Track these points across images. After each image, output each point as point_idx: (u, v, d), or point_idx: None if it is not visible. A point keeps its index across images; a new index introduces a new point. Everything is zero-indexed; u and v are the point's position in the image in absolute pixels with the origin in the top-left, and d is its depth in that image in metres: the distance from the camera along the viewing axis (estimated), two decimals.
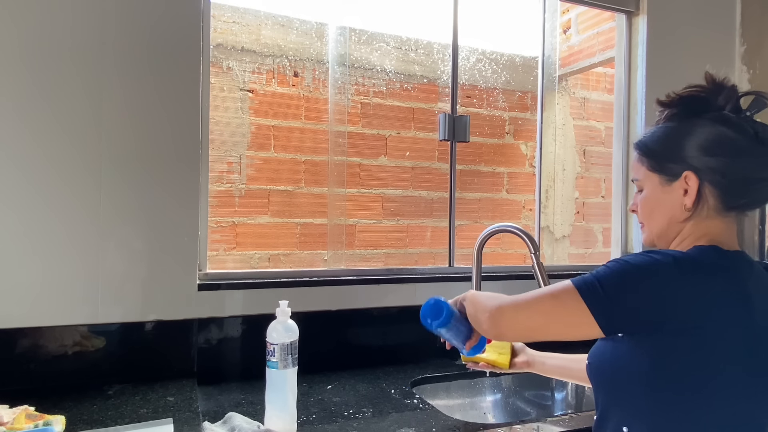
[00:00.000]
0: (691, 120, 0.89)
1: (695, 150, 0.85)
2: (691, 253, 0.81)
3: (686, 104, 0.92)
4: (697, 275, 0.76)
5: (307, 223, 1.94)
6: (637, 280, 0.76)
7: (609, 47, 2.24)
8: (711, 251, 0.81)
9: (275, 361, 1.02)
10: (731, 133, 0.83)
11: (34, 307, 1.24)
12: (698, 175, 0.85)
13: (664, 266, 0.76)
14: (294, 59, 1.88)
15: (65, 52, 1.27)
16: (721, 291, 0.76)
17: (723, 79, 0.90)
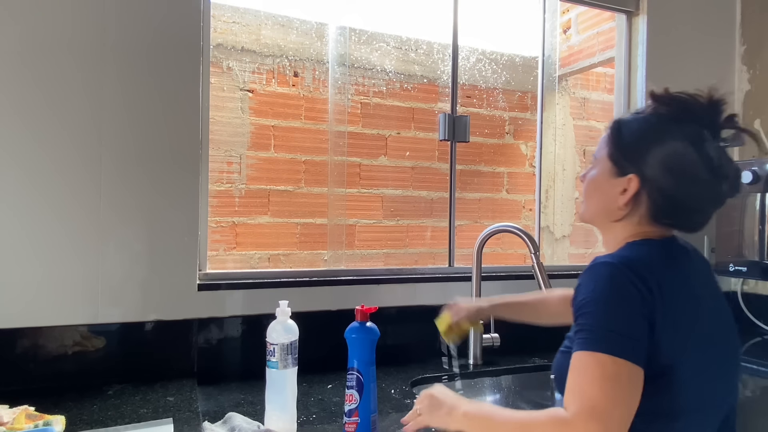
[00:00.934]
0: (669, 127, 0.88)
1: (655, 160, 0.85)
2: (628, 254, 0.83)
3: (675, 108, 0.91)
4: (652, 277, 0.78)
5: (307, 223, 1.94)
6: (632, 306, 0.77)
7: (609, 47, 2.24)
8: (646, 246, 0.85)
9: (275, 361, 1.02)
10: (695, 158, 0.83)
11: (34, 307, 1.24)
12: (642, 182, 0.86)
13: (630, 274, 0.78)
14: (294, 59, 1.88)
15: (65, 52, 1.27)
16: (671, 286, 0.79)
17: (721, 101, 0.90)
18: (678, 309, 0.79)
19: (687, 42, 2.08)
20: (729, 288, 2.13)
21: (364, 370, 0.99)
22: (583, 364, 0.75)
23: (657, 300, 0.77)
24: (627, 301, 0.76)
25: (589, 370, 0.74)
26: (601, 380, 0.72)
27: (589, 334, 0.76)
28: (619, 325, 0.75)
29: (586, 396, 0.72)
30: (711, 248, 2.03)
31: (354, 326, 1.02)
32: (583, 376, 0.74)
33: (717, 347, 0.85)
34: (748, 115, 2.15)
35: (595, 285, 0.79)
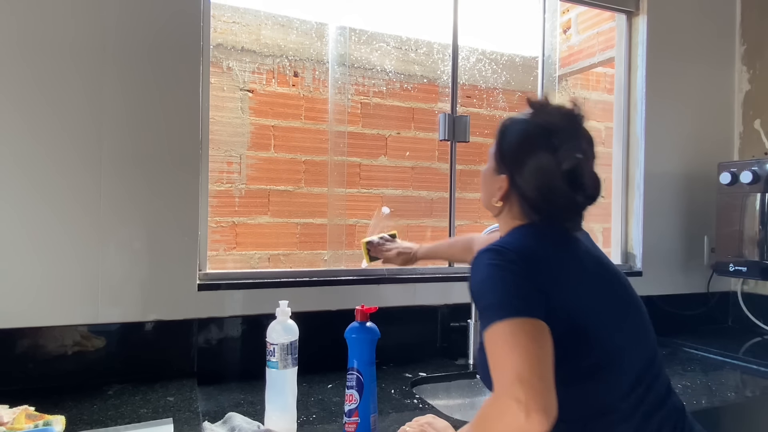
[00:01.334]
0: (538, 136, 0.93)
1: (521, 166, 0.92)
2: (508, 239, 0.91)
3: (544, 118, 0.94)
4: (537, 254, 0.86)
5: (307, 223, 1.94)
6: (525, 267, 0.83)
7: (609, 47, 2.24)
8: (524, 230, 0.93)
9: (275, 361, 1.02)
10: (554, 169, 0.89)
11: (34, 307, 1.24)
12: (511, 184, 0.94)
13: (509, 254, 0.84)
14: (294, 59, 1.88)
15: (65, 52, 1.27)
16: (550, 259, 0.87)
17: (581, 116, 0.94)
18: (564, 280, 0.86)
19: (687, 42, 2.08)
20: (729, 288, 2.14)
21: (364, 370, 0.99)
22: (489, 341, 0.78)
23: (540, 276, 0.83)
24: (508, 273, 0.82)
25: (494, 343, 0.77)
26: (506, 346, 0.75)
27: (485, 314, 0.80)
28: (505, 294, 0.80)
29: (500, 367, 0.75)
30: (711, 248, 2.03)
31: (354, 326, 1.02)
32: (492, 352, 0.77)
33: (613, 303, 0.91)
34: (748, 115, 2.15)
35: (480, 272, 0.84)
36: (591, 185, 0.91)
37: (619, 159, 2.07)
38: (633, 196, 2.03)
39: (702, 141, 2.11)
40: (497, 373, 0.75)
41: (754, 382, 1.48)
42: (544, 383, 0.72)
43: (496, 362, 0.76)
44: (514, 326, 0.76)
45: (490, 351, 0.77)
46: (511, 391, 0.71)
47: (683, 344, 1.81)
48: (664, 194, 2.03)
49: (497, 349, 0.76)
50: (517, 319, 0.76)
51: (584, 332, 0.84)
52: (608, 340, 0.86)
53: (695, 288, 2.08)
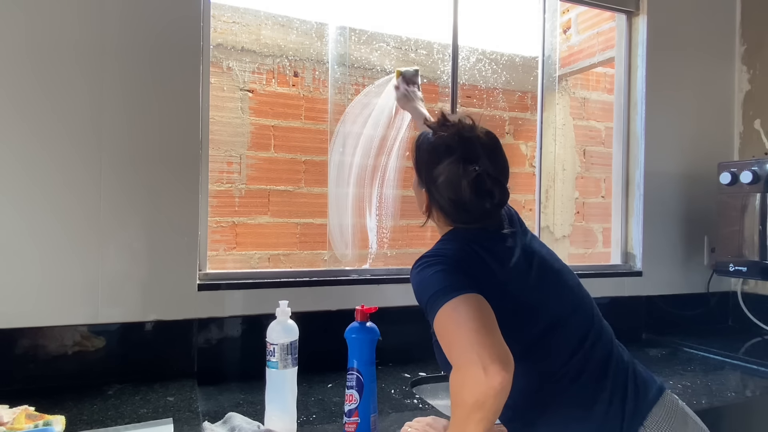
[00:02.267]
0: (443, 152, 0.99)
1: (433, 181, 0.99)
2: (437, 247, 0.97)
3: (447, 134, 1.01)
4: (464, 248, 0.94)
5: (307, 223, 1.94)
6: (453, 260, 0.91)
7: (609, 47, 2.24)
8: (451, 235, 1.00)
9: (275, 361, 1.02)
10: (459, 182, 0.96)
11: (34, 307, 1.24)
12: (429, 197, 1.02)
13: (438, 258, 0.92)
14: (294, 59, 1.88)
15: (65, 52, 1.27)
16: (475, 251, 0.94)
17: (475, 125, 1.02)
18: (492, 264, 0.93)
19: (687, 42, 2.08)
20: (729, 288, 2.14)
21: (364, 370, 0.99)
22: (437, 330, 0.84)
23: (469, 265, 0.91)
24: (437, 270, 0.89)
25: (443, 326, 0.83)
26: (450, 324, 0.82)
27: (428, 309, 0.87)
28: (438, 284, 0.87)
29: (454, 344, 0.80)
30: (711, 248, 2.03)
31: (354, 326, 1.02)
32: (442, 336, 0.83)
33: (545, 278, 0.98)
34: (748, 115, 2.15)
35: (416, 278, 0.92)
36: (496, 191, 0.97)
37: (619, 159, 2.07)
38: (633, 196, 2.03)
39: (702, 141, 2.11)
40: (451, 351, 0.80)
41: (754, 382, 1.48)
42: (493, 339, 0.78)
43: (449, 341, 0.81)
44: (454, 304, 0.82)
45: (443, 334, 0.83)
46: (466, 356, 0.77)
47: (683, 344, 1.81)
48: (664, 194, 2.03)
49: (446, 329, 0.82)
50: (455, 298, 0.82)
51: (518, 311, 0.92)
52: (543, 314, 0.93)
53: (695, 288, 2.08)
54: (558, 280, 1.00)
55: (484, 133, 1.01)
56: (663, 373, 1.51)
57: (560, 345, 0.92)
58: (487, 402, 0.74)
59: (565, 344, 0.92)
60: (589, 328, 0.96)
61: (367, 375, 0.99)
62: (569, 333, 0.94)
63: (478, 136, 1.00)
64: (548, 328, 0.93)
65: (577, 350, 0.92)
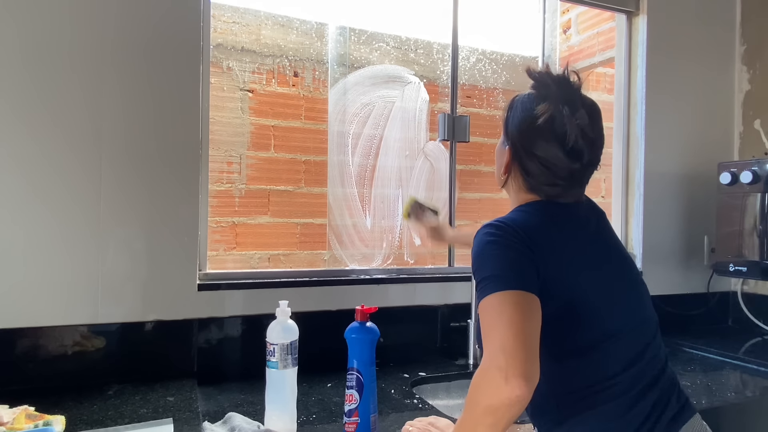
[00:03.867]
0: (535, 105, 0.93)
1: (519, 136, 0.94)
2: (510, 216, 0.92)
3: (539, 86, 0.96)
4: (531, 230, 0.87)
5: (307, 223, 1.93)
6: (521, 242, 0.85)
7: (609, 47, 2.24)
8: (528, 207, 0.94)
9: (275, 361, 1.02)
10: (549, 137, 0.90)
11: (34, 307, 1.24)
12: (513, 155, 0.96)
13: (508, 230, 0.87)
14: (294, 59, 1.87)
15: (65, 52, 1.27)
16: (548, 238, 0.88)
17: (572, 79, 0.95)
18: (563, 257, 0.88)
19: (687, 42, 2.08)
20: (729, 288, 2.14)
21: (364, 370, 0.99)
22: (481, 313, 0.81)
23: (538, 252, 0.85)
24: (503, 248, 0.85)
25: (485, 315, 0.80)
26: (493, 317, 0.78)
27: (479, 287, 0.83)
28: (500, 268, 0.82)
29: (487, 337, 0.78)
30: (711, 248, 2.03)
31: (354, 326, 1.02)
32: (483, 323, 0.80)
33: (614, 283, 0.92)
34: (748, 115, 2.15)
35: (478, 246, 0.87)
36: (586, 149, 0.91)
37: (619, 159, 2.07)
38: (633, 196, 2.03)
39: (702, 141, 2.11)
40: (486, 343, 0.78)
41: (754, 382, 1.48)
42: (526, 352, 0.75)
43: (485, 333, 0.79)
44: (503, 298, 0.79)
45: (482, 322, 0.81)
46: (495, 359, 0.75)
47: (683, 344, 1.81)
48: (664, 194, 2.03)
49: (486, 320, 0.80)
50: (506, 292, 0.79)
51: (582, 309, 0.86)
52: (607, 320, 0.88)
53: (695, 288, 2.08)
54: (632, 285, 0.94)
55: (587, 96, 0.96)
56: None
57: (618, 355, 0.87)
58: (500, 410, 0.74)
59: (624, 355, 0.87)
60: (650, 341, 0.91)
61: (367, 375, 0.99)
62: (630, 344, 0.88)
63: (581, 92, 0.94)
64: (609, 334, 0.87)
65: (633, 363, 0.87)
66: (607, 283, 0.91)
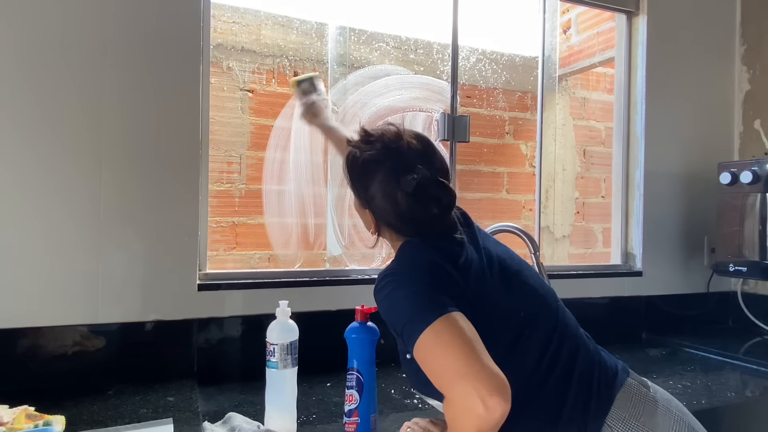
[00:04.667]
0: (375, 167, 0.95)
1: (373, 200, 0.95)
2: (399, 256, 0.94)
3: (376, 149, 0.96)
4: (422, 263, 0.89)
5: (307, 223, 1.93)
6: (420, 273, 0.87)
7: (609, 47, 2.24)
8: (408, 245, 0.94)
9: (275, 361, 1.02)
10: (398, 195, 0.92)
11: (34, 307, 1.24)
12: (374, 216, 0.97)
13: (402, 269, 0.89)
14: (294, 59, 1.87)
15: (65, 52, 1.27)
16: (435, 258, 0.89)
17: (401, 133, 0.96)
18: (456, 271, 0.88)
19: (687, 42, 2.08)
20: (729, 288, 2.14)
21: (364, 370, 0.99)
22: (420, 358, 0.79)
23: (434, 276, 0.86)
24: (407, 289, 0.84)
25: (425, 356, 0.78)
26: (435, 352, 0.77)
27: (405, 335, 0.81)
28: (412, 307, 0.82)
29: (440, 374, 0.76)
30: (711, 248, 2.03)
31: (354, 326, 1.02)
32: (427, 365, 0.78)
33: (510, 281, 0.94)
34: (748, 115, 2.15)
35: (384, 300, 0.87)
36: (442, 194, 0.93)
37: (619, 159, 2.07)
38: (633, 196, 2.03)
39: (702, 141, 2.11)
40: (441, 381, 0.76)
41: (754, 382, 1.48)
42: (484, 365, 0.73)
43: (435, 372, 0.77)
44: (433, 330, 0.77)
45: (425, 365, 0.78)
46: (460, 389, 0.73)
47: (683, 344, 1.81)
48: (664, 194, 2.03)
49: (429, 359, 0.78)
50: (432, 323, 0.77)
51: (492, 314, 0.88)
52: (515, 314, 0.90)
53: (695, 288, 2.08)
54: (519, 279, 0.96)
55: (412, 136, 0.96)
56: (663, 373, 1.51)
57: (531, 347, 0.89)
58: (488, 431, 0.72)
59: (536, 345, 0.89)
60: (554, 324, 0.93)
61: (367, 375, 0.99)
62: (538, 333, 0.90)
63: (407, 142, 0.95)
64: (519, 331, 0.89)
65: (545, 350, 0.89)
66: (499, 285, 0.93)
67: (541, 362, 0.88)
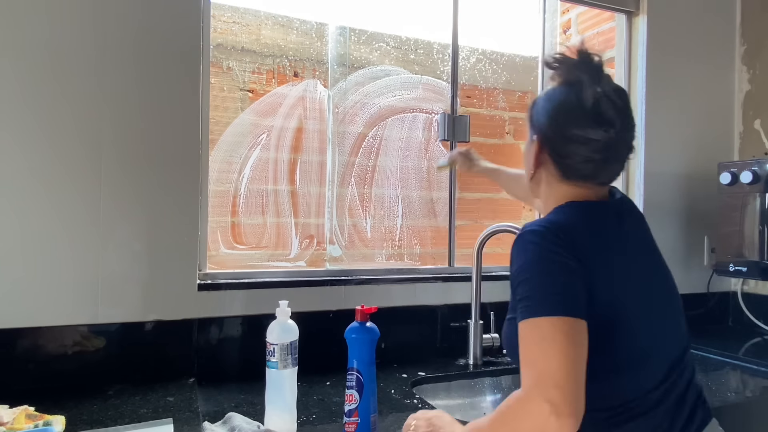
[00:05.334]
0: (556, 87, 0.93)
1: (543, 118, 0.92)
2: (553, 219, 0.88)
3: (558, 67, 0.93)
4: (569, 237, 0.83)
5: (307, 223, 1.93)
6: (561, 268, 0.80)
7: (609, 47, 2.24)
8: (569, 208, 0.89)
9: (275, 361, 1.02)
10: (574, 108, 0.88)
11: (34, 307, 1.24)
12: (541, 142, 0.92)
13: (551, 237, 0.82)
14: (294, 59, 1.87)
15: (65, 52, 1.27)
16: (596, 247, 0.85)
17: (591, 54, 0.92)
18: (606, 267, 0.84)
19: (687, 42, 2.08)
20: (729, 288, 2.14)
21: (364, 370, 0.99)
22: (525, 333, 0.77)
23: (583, 261, 0.81)
24: (555, 265, 0.80)
25: (532, 338, 0.76)
26: (543, 345, 0.74)
27: (527, 303, 0.78)
28: (547, 288, 0.78)
29: (533, 365, 0.75)
30: (711, 248, 2.03)
31: (354, 326, 1.02)
32: (527, 345, 0.77)
33: (654, 300, 0.90)
34: (748, 115, 2.15)
35: (525, 254, 0.82)
36: (618, 121, 0.87)
37: None
38: (633, 196, 2.03)
39: (702, 141, 2.11)
40: (530, 371, 0.75)
41: (754, 382, 1.48)
42: (578, 389, 0.72)
43: (530, 359, 0.76)
44: (554, 325, 0.75)
45: (525, 344, 0.77)
46: (545, 393, 0.71)
47: None
48: (664, 194, 2.03)
49: (533, 345, 0.76)
50: (557, 318, 0.75)
51: (618, 327, 0.83)
52: (641, 338, 0.85)
53: (695, 288, 2.08)
54: (665, 299, 0.93)
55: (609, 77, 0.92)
56: None
57: (649, 373, 0.85)
58: None
59: (654, 372, 0.85)
60: (682, 354, 0.89)
61: (367, 375, 0.99)
62: (661, 360, 0.86)
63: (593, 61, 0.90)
64: (642, 352, 0.85)
65: (664, 381, 0.85)
66: (645, 301, 0.88)
67: (654, 391, 0.84)
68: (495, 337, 1.61)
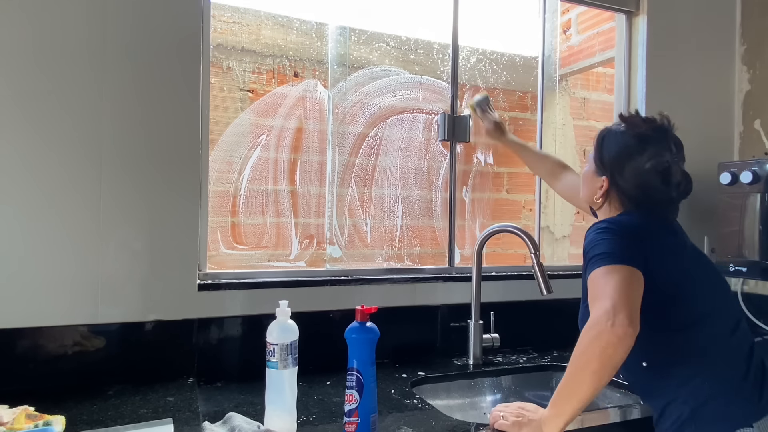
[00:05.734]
0: (636, 143, 1.15)
1: (620, 169, 1.15)
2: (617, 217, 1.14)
3: (643, 128, 1.17)
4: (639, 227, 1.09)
5: (307, 223, 1.93)
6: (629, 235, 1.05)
7: (609, 47, 2.24)
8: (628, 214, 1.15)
9: (275, 361, 1.02)
10: (651, 170, 1.11)
11: (34, 307, 1.24)
12: (611, 184, 1.17)
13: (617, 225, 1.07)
14: (294, 59, 1.87)
15: (65, 52, 1.27)
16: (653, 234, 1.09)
17: (671, 124, 1.20)
18: (663, 248, 1.08)
19: (687, 42, 2.08)
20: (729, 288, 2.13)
21: (364, 370, 0.99)
22: (593, 279, 0.97)
23: (642, 242, 1.04)
24: (614, 235, 1.02)
25: (598, 280, 0.96)
26: (608, 281, 0.94)
27: (590, 264, 1.00)
28: (610, 247, 1.00)
29: (599, 298, 0.93)
30: (711, 248, 2.03)
31: (354, 326, 1.02)
32: (594, 286, 0.96)
33: (703, 271, 1.13)
34: (748, 115, 2.15)
35: (591, 237, 1.05)
36: (683, 182, 1.12)
37: None
38: None
39: (702, 141, 2.11)
40: (594, 305, 0.93)
41: None
42: (630, 302, 0.90)
43: (594, 296, 0.95)
44: (612, 269, 0.95)
45: (591, 290, 0.97)
46: (600, 307, 0.90)
47: None
48: None
49: (594, 285, 0.96)
50: (615, 266, 0.95)
51: (678, 297, 1.04)
52: (701, 302, 1.06)
53: None
54: (718, 278, 1.14)
55: (673, 133, 1.18)
56: None
57: (716, 329, 1.05)
58: (607, 350, 0.87)
59: (721, 329, 1.05)
60: (740, 319, 1.09)
61: (367, 375, 0.99)
62: (725, 319, 1.07)
63: (669, 132, 1.17)
64: (710, 308, 1.06)
65: (733, 331, 1.05)
66: (703, 272, 1.11)
67: (736, 332, 1.05)
68: (495, 337, 1.61)
